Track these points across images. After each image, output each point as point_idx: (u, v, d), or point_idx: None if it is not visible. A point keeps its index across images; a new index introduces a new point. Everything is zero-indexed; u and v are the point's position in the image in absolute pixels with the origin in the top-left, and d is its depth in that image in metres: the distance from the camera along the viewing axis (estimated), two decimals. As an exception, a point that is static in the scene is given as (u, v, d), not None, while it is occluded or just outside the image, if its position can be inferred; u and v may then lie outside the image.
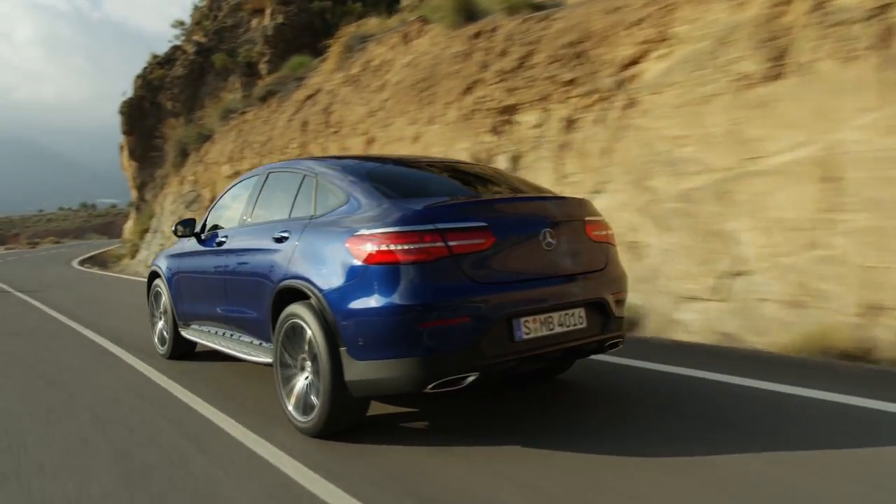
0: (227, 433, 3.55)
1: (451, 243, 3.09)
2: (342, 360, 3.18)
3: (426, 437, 3.43)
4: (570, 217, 3.58)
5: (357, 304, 3.11)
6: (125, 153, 33.83)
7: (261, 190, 4.46)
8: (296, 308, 3.43)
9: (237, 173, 14.32)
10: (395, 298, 3.01)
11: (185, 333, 5.25)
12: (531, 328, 3.23)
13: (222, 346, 4.50)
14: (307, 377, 3.45)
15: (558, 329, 3.33)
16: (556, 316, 3.33)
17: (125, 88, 32.37)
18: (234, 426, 3.63)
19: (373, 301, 3.06)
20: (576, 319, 3.41)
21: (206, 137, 17.15)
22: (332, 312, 3.21)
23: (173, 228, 5.23)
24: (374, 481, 2.84)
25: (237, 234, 4.47)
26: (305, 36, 26.50)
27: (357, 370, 3.13)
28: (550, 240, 3.36)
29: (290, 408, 3.54)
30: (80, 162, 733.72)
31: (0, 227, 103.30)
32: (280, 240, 3.77)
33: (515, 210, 3.51)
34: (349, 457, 3.15)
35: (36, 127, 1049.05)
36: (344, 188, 3.63)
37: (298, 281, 3.47)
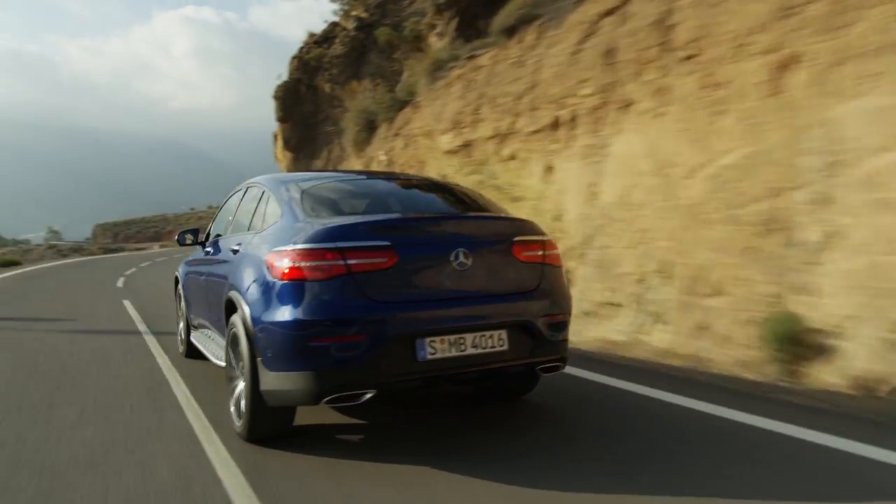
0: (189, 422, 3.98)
1: (351, 262, 3.18)
2: (258, 369, 3.34)
3: (353, 450, 3.52)
4: (494, 237, 3.58)
5: (267, 318, 3.26)
6: (279, 143, 30.59)
7: (239, 203, 4.69)
8: (234, 317, 3.66)
9: (467, 145, 9.37)
10: (294, 314, 3.14)
11: (192, 335, 5.57)
12: (437, 348, 3.25)
13: (203, 347, 4.94)
14: (243, 384, 3.57)
15: (471, 350, 3.33)
16: (468, 337, 3.32)
17: (280, 72, 28.85)
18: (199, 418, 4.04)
19: (278, 315, 3.20)
20: (495, 341, 3.39)
21: (401, 104, 12.50)
22: (251, 324, 3.40)
23: (177, 237, 5.62)
24: (275, 478, 3.10)
25: (219, 244, 4.75)
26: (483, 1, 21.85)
27: (268, 380, 3.29)
28: (464, 260, 3.36)
29: (232, 411, 3.76)
30: (229, 163, 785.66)
31: (156, 224, 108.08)
32: (235, 252, 4.06)
33: (426, 230, 3.52)
34: (271, 455, 3.40)
35: (190, 132, 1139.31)
36: (281, 205, 3.81)
37: (234, 292, 3.72)
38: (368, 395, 3.16)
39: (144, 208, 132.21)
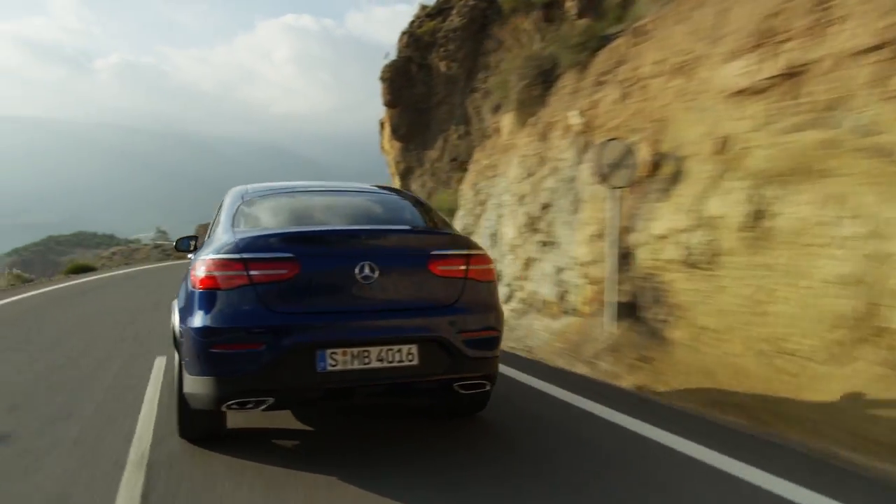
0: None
1: (253, 272, 3.24)
2: (182, 372, 3.47)
3: (278, 455, 3.57)
4: (407, 251, 3.55)
5: (184, 324, 3.36)
6: (386, 132, 26.98)
7: (216, 212, 4.46)
8: (171, 323, 3.96)
9: (792, 75, 5.00)
10: (202, 321, 3.21)
11: None
12: (339, 360, 3.24)
13: None
14: None
15: (377, 364, 3.28)
16: (374, 350, 3.28)
17: (388, 51, 25.26)
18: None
19: (190, 321, 3.29)
20: (403, 356, 3.33)
21: (599, 42, 8.25)
22: (177, 328, 3.60)
23: (175, 244, 5.15)
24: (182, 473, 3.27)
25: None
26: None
27: (187, 383, 3.36)
28: (369, 273, 3.33)
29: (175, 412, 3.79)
30: (324, 165, 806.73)
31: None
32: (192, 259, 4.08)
33: (332, 242, 3.52)
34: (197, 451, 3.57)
35: (288, 135, 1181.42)
36: (222, 217, 3.93)
37: (175, 300, 3.90)
38: (269, 403, 3.23)
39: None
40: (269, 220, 3.86)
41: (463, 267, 3.56)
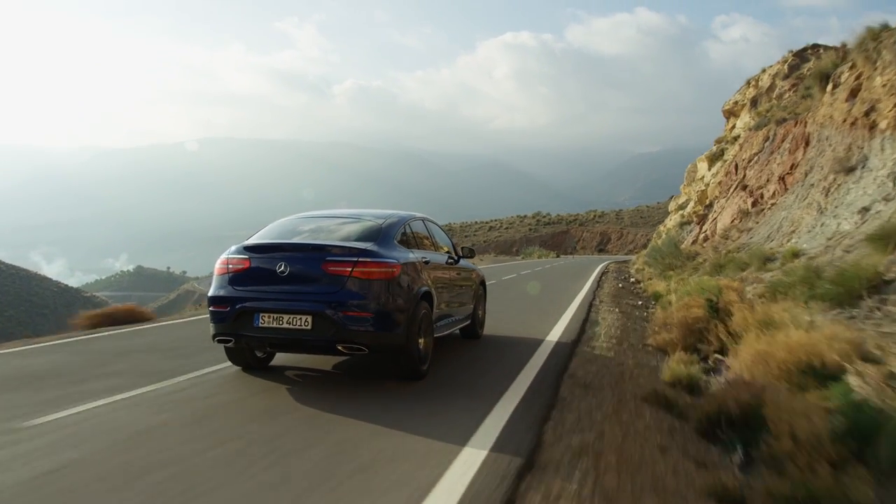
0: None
1: (230, 266, 5.85)
2: None
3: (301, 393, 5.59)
4: (310, 257, 5.60)
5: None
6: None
7: None
8: None
9: None
10: (209, 292, 5.97)
11: None
12: (265, 320, 5.51)
13: None
14: None
15: (286, 325, 5.46)
16: (285, 317, 5.47)
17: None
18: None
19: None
20: (302, 323, 5.44)
21: None
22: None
23: None
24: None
25: None
26: None
27: None
28: (283, 269, 5.58)
29: None
30: (540, 178, 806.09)
31: (464, 231, 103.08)
32: None
33: (265, 249, 5.82)
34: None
35: (507, 150, 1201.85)
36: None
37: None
38: (231, 342, 5.77)
39: (456, 218, 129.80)
40: (263, 234, 6.36)
41: (349, 269, 5.47)
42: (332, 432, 4.34)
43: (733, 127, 29.83)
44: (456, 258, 7.81)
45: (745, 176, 21.15)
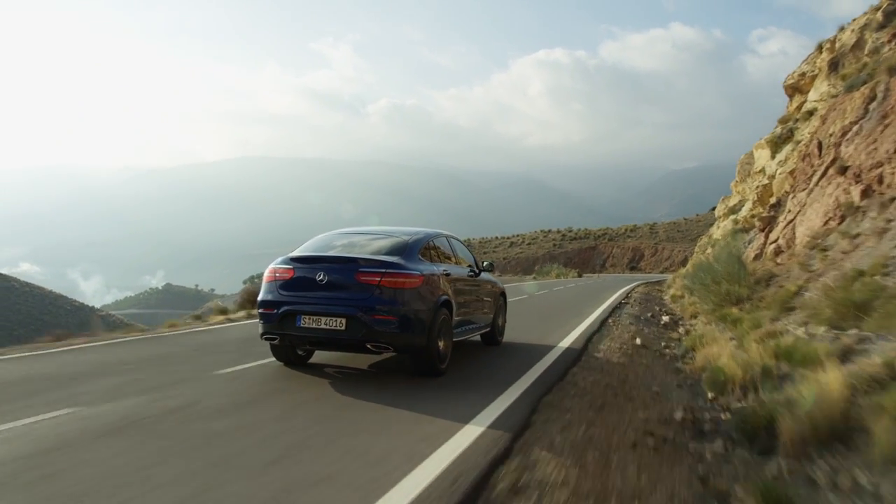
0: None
1: (277, 274, 6.78)
2: None
3: (342, 383, 6.67)
4: (345, 268, 6.51)
5: None
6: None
7: None
8: None
9: None
10: (259, 297, 6.91)
11: None
12: (306, 321, 6.45)
13: None
14: None
15: (324, 326, 6.39)
16: (323, 318, 6.39)
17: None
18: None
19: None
20: (337, 324, 6.35)
21: None
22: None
23: None
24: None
25: None
26: None
27: None
28: (322, 277, 6.48)
29: None
30: (573, 194, 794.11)
31: (492, 247, 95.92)
32: None
33: (310, 261, 6.72)
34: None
35: (541, 167, 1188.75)
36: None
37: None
38: (278, 339, 6.74)
39: (487, 234, 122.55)
40: (305, 247, 7.40)
41: (378, 278, 6.38)
42: (355, 412, 5.43)
43: (802, 103, 22.64)
44: (477, 271, 8.76)
45: (838, 156, 14.01)
